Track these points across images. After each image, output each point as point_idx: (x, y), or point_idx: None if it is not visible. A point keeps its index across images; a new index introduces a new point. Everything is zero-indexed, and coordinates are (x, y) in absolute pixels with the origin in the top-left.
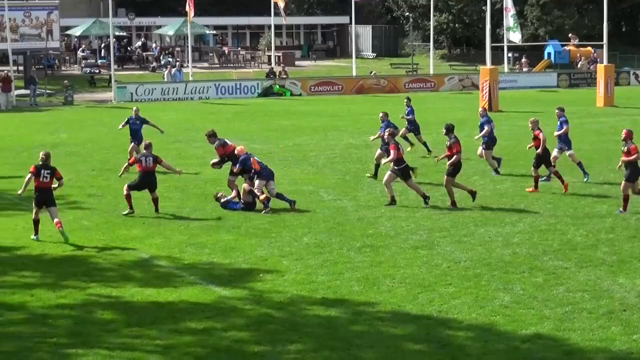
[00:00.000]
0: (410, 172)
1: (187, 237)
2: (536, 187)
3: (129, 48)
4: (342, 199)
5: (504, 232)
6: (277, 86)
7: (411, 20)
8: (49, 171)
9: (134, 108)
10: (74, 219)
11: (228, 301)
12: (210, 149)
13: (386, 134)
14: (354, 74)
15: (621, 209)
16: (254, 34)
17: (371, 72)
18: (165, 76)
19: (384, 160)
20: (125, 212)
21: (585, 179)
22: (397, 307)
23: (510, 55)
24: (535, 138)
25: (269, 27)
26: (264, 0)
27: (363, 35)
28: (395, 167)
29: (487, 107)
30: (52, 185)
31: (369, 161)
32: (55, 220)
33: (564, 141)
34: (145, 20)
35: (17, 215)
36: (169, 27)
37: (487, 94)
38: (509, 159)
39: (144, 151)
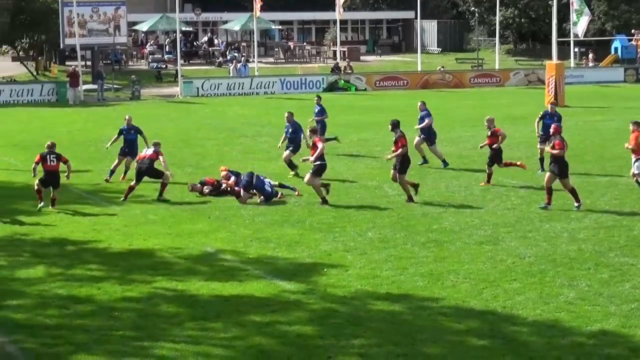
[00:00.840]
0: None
1: (252, 231)
2: (489, 181)
3: (195, 43)
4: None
5: (570, 227)
6: (342, 81)
7: (477, 15)
8: (54, 156)
9: (126, 116)
10: (140, 213)
11: (292, 295)
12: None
13: (308, 131)
14: (419, 68)
15: (546, 203)
16: (320, 29)
17: (440, 68)
18: (230, 71)
19: (310, 158)
20: (39, 205)
21: (420, 163)
22: (461, 302)
23: (576, 50)
24: (493, 135)
25: (335, 22)
26: None
27: (428, 30)
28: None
29: (554, 102)
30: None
31: (433, 157)
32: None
33: (427, 134)
34: (211, 16)
35: (83, 209)
36: (235, 22)
37: (553, 89)
38: (575, 155)
39: (47, 150)
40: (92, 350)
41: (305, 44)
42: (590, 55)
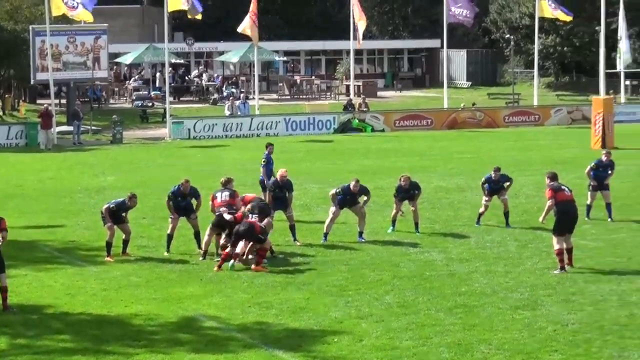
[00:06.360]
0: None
1: (251, 295)
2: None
3: (186, 77)
4: (431, 251)
5: (619, 289)
6: (357, 120)
7: (512, 43)
8: None
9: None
10: (121, 275)
11: None
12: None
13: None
14: (446, 105)
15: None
16: (330, 60)
17: (462, 106)
18: (227, 109)
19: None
20: None
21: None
22: None
23: (627, 82)
24: None
25: (348, 52)
26: (342, 21)
27: (456, 60)
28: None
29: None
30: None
31: (461, 207)
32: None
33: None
34: (205, 46)
35: (56, 270)
36: (232, 53)
37: (601, 128)
38: (625, 205)
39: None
40: None
41: (313, 77)
42: None
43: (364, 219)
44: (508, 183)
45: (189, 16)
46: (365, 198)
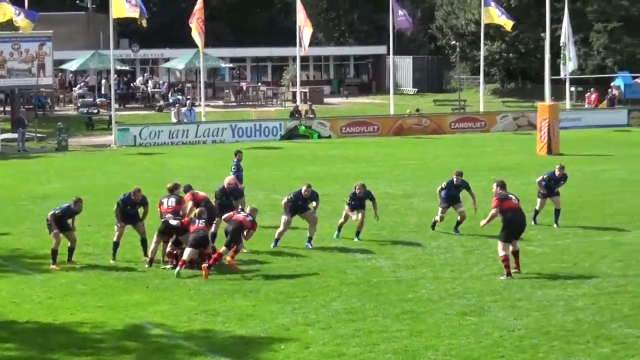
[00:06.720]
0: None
1: (198, 303)
2: None
3: (132, 84)
4: (378, 258)
5: (566, 295)
6: (303, 127)
7: (458, 49)
8: None
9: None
10: (67, 283)
11: None
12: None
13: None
14: (392, 112)
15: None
16: (277, 67)
17: (408, 112)
18: (173, 116)
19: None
20: None
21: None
22: None
23: (573, 89)
24: None
25: (294, 59)
26: (289, 28)
27: (402, 67)
28: None
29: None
30: None
31: (408, 214)
32: None
33: None
34: (151, 53)
35: (1, 278)
36: (178, 60)
37: (546, 134)
38: (571, 211)
39: None
40: None
41: (260, 84)
42: (593, 96)
43: (315, 225)
44: (472, 201)
45: (139, 22)
46: (314, 204)
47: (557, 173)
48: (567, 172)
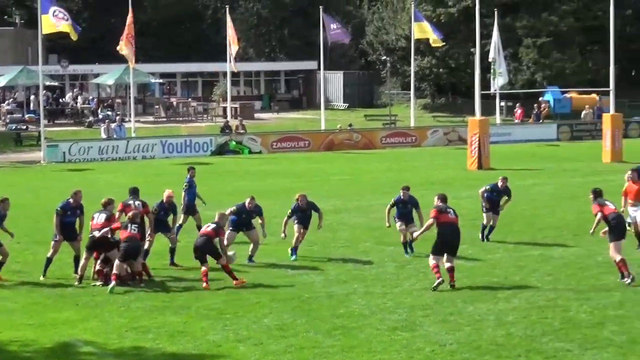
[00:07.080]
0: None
1: (128, 320)
2: None
3: (61, 100)
4: (309, 273)
5: (497, 309)
6: (234, 142)
7: (389, 65)
8: None
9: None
10: None
11: None
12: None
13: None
14: (323, 127)
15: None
16: (207, 82)
17: (338, 127)
18: (103, 132)
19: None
20: None
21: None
22: None
23: (503, 104)
24: None
25: (225, 74)
26: (219, 43)
27: (333, 82)
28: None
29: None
30: None
31: (339, 229)
32: None
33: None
34: (80, 68)
35: None
36: (107, 75)
37: (477, 149)
38: (501, 225)
39: None
40: None
41: (190, 99)
42: (519, 111)
43: (257, 245)
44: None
45: (72, 37)
46: (260, 221)
47: (500, 184)
48: (510, 187)
